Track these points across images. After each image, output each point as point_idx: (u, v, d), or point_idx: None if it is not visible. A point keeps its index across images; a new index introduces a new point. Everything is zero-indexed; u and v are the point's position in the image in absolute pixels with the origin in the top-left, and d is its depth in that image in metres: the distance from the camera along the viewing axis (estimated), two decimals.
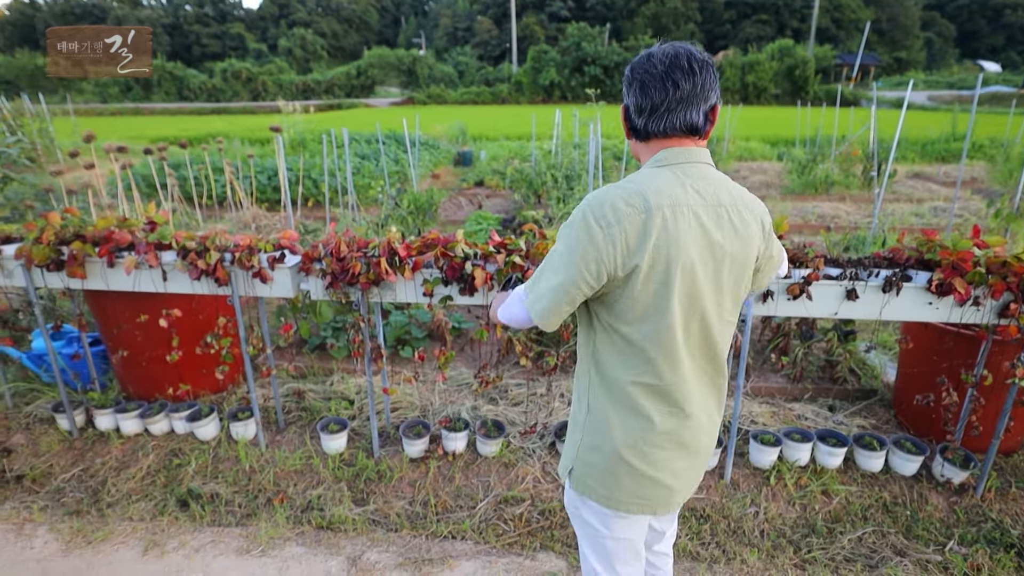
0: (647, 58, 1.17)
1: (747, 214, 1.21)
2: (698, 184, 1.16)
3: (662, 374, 1.22)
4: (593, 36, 39.77)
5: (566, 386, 3.32)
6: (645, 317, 1.18)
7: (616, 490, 1.30)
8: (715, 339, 1.25)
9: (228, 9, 67.08)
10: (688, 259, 1.13)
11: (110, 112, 33.63)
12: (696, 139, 1.21)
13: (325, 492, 2.59)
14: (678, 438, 1.27)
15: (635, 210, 1.10)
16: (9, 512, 2.50)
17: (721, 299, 1.22)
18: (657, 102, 1.16)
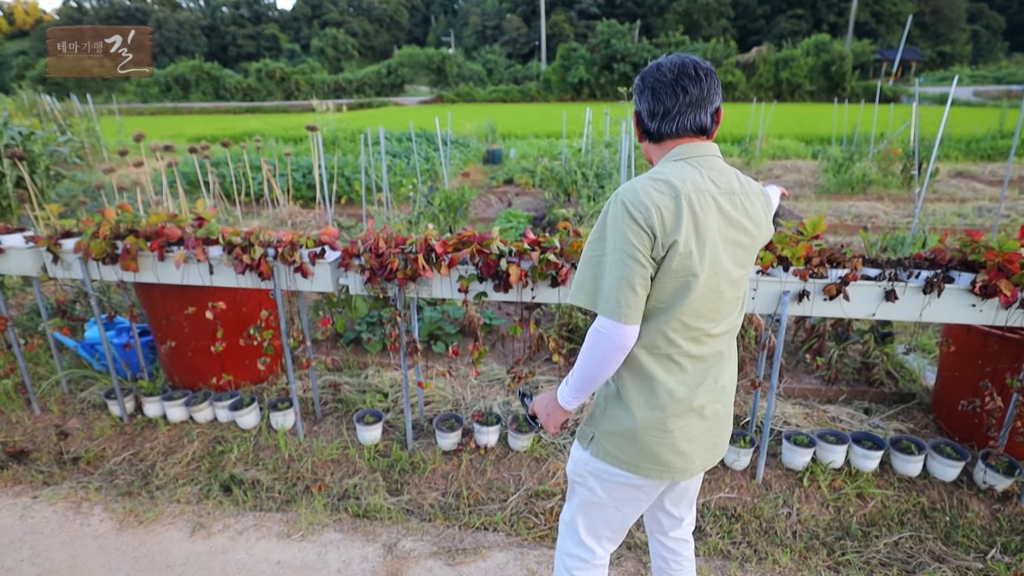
0: (656, 68, 1.29)
1: (754, 198, 1.35)
2: (713, 174, 1.29)
3: (681, 347, 1.31)
4: (623, 33, 39.42)
5: None
6: (674, 293, 1.26)
7: (637, 456, 1.37)
8: (732, 312, 1.36)
9: (263, 10, 68.55)
10: (712, 238, 1.25)
11: (150, 111, 34.77)
12: (704, 138, 1.33)
13: (361, 481, 2.67)
14: (692, 406, 1.35)
15: (665, 195, 1.21)
16: (67, 491, 2.65)
17: (738, 274, 1.33)
18: (669, 107, 1.28)
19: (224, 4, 66.86)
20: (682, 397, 1.33)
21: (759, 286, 2.35)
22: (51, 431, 3.08)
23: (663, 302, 1.27)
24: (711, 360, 1.37)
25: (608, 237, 1.24)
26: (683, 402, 1.34)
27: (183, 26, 60.98)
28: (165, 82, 43.04)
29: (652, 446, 1.35)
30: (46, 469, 2.82)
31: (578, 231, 2.57)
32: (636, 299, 1.23)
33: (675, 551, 1.68)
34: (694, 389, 1.35)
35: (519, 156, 11.31)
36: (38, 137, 7.43)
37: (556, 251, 2.43)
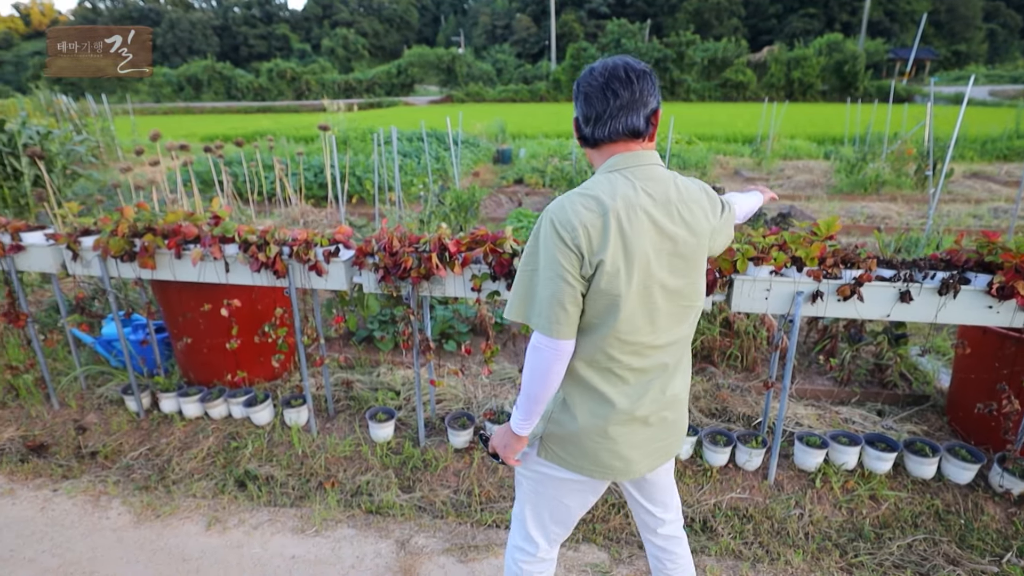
0: (589, 72, 1.30)
1: (693, 206, 1.34)
2: (647, 185, 1.28)
3: (621, 360, 1.33)
4: (633, 32, 39.34)
5: None
6: (605, 309, 1.28)
7: (579, 458, 1.42)
8: (673, 323, 1.36)
9: (274, 10, 68.98)
10: (643, 253, 1.25)
11: (163, 111, 35.11)
12: (641, 141, 1.32)
13: (373, 478, 2.69)
14: (635, 415, 1.38)
15: (593, 213, 1.22)
16: (86, 484, 2.69)
17: (679, 286, 1.34)
18: (600, 111, 1.28)
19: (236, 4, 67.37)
20: (625, 407, 1.37)
21: (772, 286, 2.35)
22: (70, 425, 3.13)
23: (597, 318, 1.29)
24: (655, 372, 1.38)
25: (540, 255, 1.26)
26: (625, 412, 1.37)
27: (195, 26, 61.51)
28: (178, 82, 43.46)
29: (595, 451, 1.40)
30: (65, 463, 2.87)
31: None
32: (567, 316, 1.26)
33: (667, 549, 1.69)
34: (636, 400, 1.37)
35: (529, 156, 11.32)
36: (55, 136, 7.54)
37: None
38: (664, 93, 37.84)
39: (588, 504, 1.54)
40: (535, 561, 1.60)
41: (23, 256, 2.98)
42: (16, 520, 2.48)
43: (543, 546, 1.58)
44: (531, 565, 1.60)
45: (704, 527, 2.41)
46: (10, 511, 2.54)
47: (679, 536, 1.70)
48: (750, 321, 3.54)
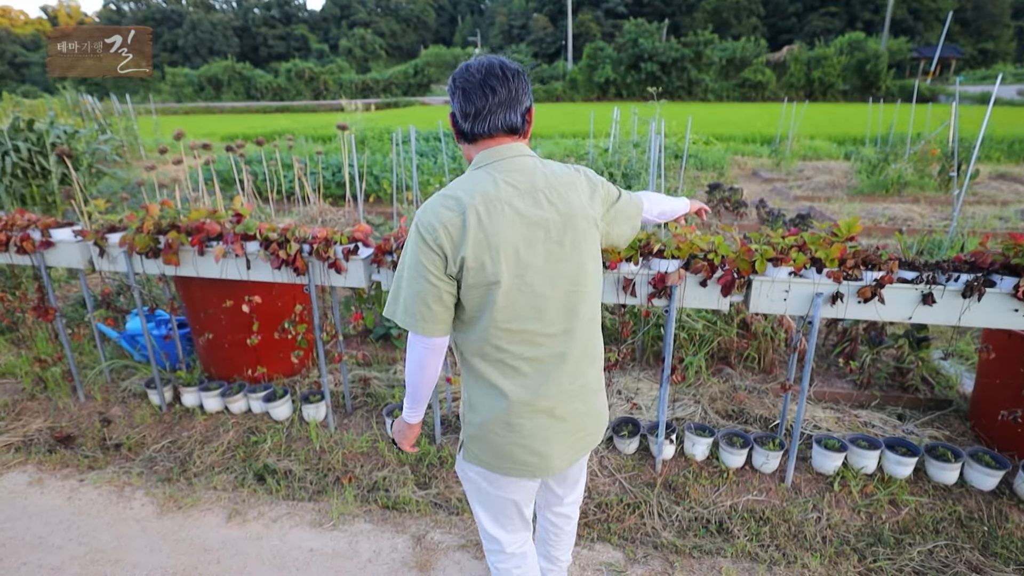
0: (466, 69, 1.32)
1: (565, 191, 1.36)
2: (510, 177, 1.31)
3: (511, 351, 1.35)
4: (651, 32, 39.07)
5: (623, 383, 3.34)
6: (481, 302, 1.31)
7: (495, 458, 1.44)
8: (560, 308, 1.37)
9: (293, 11, 69.75)
10: (509, 244, 1.27)
11: (184, 111, 35.68)
12: (517, 137, 1.37)
13: (390, 474, 2.72)
14: (537, 407, 1.39)
15: (453, 212, 1.27)
16: (111, 475, 2.76)
17: (560, 270, 1.34)
18: (480, 107, 1.30)
19: (256, 5, 68.23)
20: (524, 399, 1.37)
21: (791, 288, 2.33)
22: (95, 418, 3.21)
23: (476, 311, 1.33)
24: (552, 361, 1.38)
25: (407, 257, 1.32)
26: (525, 403, 1.38)
27: (216, 27, 62.41)
28: (198, 82, 44.16)
29: (503, 446, 1.42)
30: (91, 454, 2.94)
31: None
32: (431, 313, 1.30)
33: (556, 524, 1.80)
34: (536, 391, 1.38)
35: (544, 156, 11.32)
36: (81, 136, 7.72)
37: None
38: (681, 93, 37.58)
39: (531, 496, 1.58)
40: (505, 556, 1.64)
41: (52, 252, 3.06)
42: (45, 509, 2.55)
43: (506, 540, 1.62)
44: (503, 561, 1.64)
45: (720, 529, 2.40)
46: (39, 500, 2.61)
47: (571, 516, 1.81)
48: (768, 322, 3.51)
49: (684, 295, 2.45)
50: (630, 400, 3.13)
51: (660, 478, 2.66)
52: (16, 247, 3.02)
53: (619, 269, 2.45)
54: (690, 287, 2.43)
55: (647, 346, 3.63)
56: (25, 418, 3.24)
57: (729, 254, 2.39)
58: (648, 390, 3.32)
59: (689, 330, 3.47)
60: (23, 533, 2.41)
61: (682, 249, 2.45)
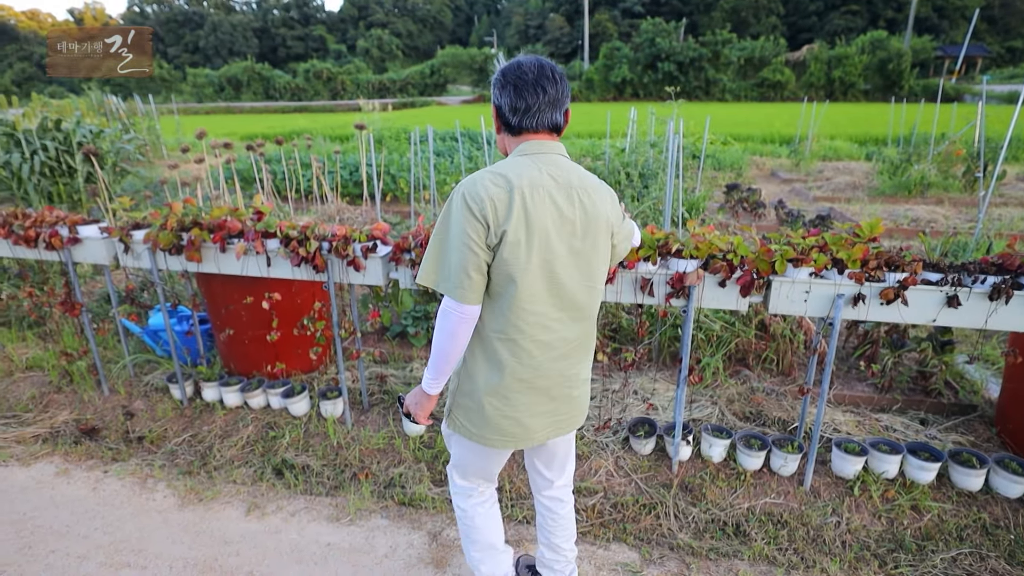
0: (518, 66, 1.42)
1: (594, 194, 1.46)
2: (551, 170, 1.41)
3: (522, 329, 1.44)
4: (668, 32, 38.80)
5: (639, 383, 3.32)
6: (510, 278, 1.39)
7: (482, 427, 1.54)
8: (574, 299, 1.48)
9: (312, 12, 70.42)
10: (544, 229, 1.38)
11: (204, 111, 36.21)
12: (555, 135, 1.49)
13: (406, 471, 2.73)
14: (534, 385, 1.51)
15: (500, 189, 1.35)
16: (134, 467, 2.81)
17: (578, 264, 1.46)
18: (531, 103, 1.41)
19: (275, 7, 69.01)
20: (525, 377, 1.49)
21: (812, 288, 2.30)
22: (118, 411, 3.27)
23: (501, 287, 1.41)
24: (559, 346, 1.50)
25: (451, 226, 1.37)
26: (525, 381, 1.49)
27: (236, 28, 63.24)
28: (219, 82, 44.79)
29: (495, 418, 1.52)
30: (114, 446, 3.00)
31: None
32: (472, 283, 1.37)
33: (551, 509, 1.87)
34: (538, 371, 1.49)
35: None
36: (106, 135, 7.88)
37: None
38: (699, 93, 37.27)
39: (503, 460, 1.73)
40: (476, 503, 1.79)
41: (79, 248, 3.13)
42: (71, 499, 2.61)
43: (480, 490, 1.79)
44: (473, 506, 1.79)
45: (737, 531, 2.38)
46: (65, 490, 2.67)
47: (565, 500, 1.88)
48: (786, 324, 3.47)
49: (702, 295, 2.43)
50: (646, 400, 3.11)
51: (676, 479, 2.64)
52: (45, 243, 3.10)
53: (637, 269, 2.44)
54: (708, 287, 2.41)
55: (663, 346, 3.61)
56: (52, 410, 3.31)
57: (749, 254, 2.37)
58: (664, 391, 3.30)
59: (706, 331, 3.45)
60: (51, 522, 2.47)
61: (701, 249, 2.43)
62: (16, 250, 3.24)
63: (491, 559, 1.85)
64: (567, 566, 1.93)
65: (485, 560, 1.84)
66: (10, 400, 3.41)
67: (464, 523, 1.83)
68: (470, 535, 1.83)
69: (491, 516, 1.83)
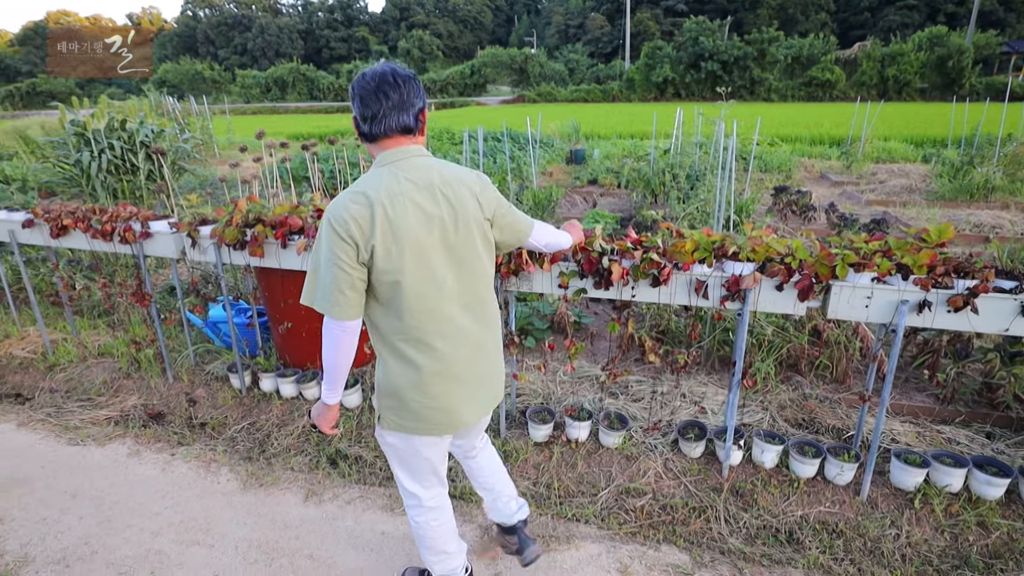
0: (362, 77, 1.49)
1: (456, 185, 1.55)
2: (409, 174, 1.50)
3: (420, 327, 1.55)
4: (712, 30, 38.06)
5: (688, 386, 3.30)
6: (394, 285, 1.49)
7: (410, 420, 1.64)
8: (462, 289, 1.59)
9: (355, 14, 71.87)
10: (412, 233, 1.47)
11: (252, 111, 37.40)
12: (412, 136, 1.55)
13: (455, 466, 2.79)
14: (448, 375, 1.61)
15: (361, 207, 1.44)
16: (199, 451, 2.96)
17: (457, 256, 1.56)
18: (375, 111, 1.48)
19: (320, 9, 70.74)
20: (436, 369, 1.59)
21: (874, 294, 2.25)
22: (182, 398, 3.44)
23: (388, 294, 1.51)
24: (457, 335, 1.61)
25: (322, 249, 1.47)
26: (438, 373, 1.59)
27: (282, 31, 65.10)
28: (265, 83, 46.21)
29: (417, 410, 1.62)
30: (179, 431, 3.16)
31: (681, 232, 2.56)
32: (345, 299, 1.46)
33: (471, 456, 2.05)
34: (446, 362, 1.59)
35: (603, 156, 11.24)
36: (166, 135, 8.24)
37: (659, 251, 2.44)
38: (743, 92, 36.44)
39: (443, 454, 1.82)
40: (423, 510, 1.85)
41: (150, 242, 3.30)
42: (143, 478, 2.76)
43: (424, 495, 1.84)
44: (421, 515, 1.86)
45: (790, 539, 2.34)
46: (137, 469, 2.83)
47: (480, 447, 2.04)
48: (841, 330, 3.38)
49: (758, 299, 2.40)
50: (696, 404, 3.09)
51: (727, 483, 2.62)
52: (120, 237, 3.28)
53: (691, 271, 2.43)
54: (765, 291, 2.38)
55: (713, 350, 3.57)
56: (122, 395, 3.51)
57: (808, 258, 2.33)
58: (713, 394, 3.27)
59: (758, 335, 3.39)
60: (126, 499, 2.62)
61: (757, 252, 2.40)
62: (93, 243, 3.44)
63: (442, 563, 1.94)
64: (509, 499, 2.09)
65: (436, 564, 1.94)
66: (84, 384, 3.63)
67: (415, 532, 1.91)
68: (423, 541, 1.91)
69: (442, 525, 1.89)
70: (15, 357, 3.94)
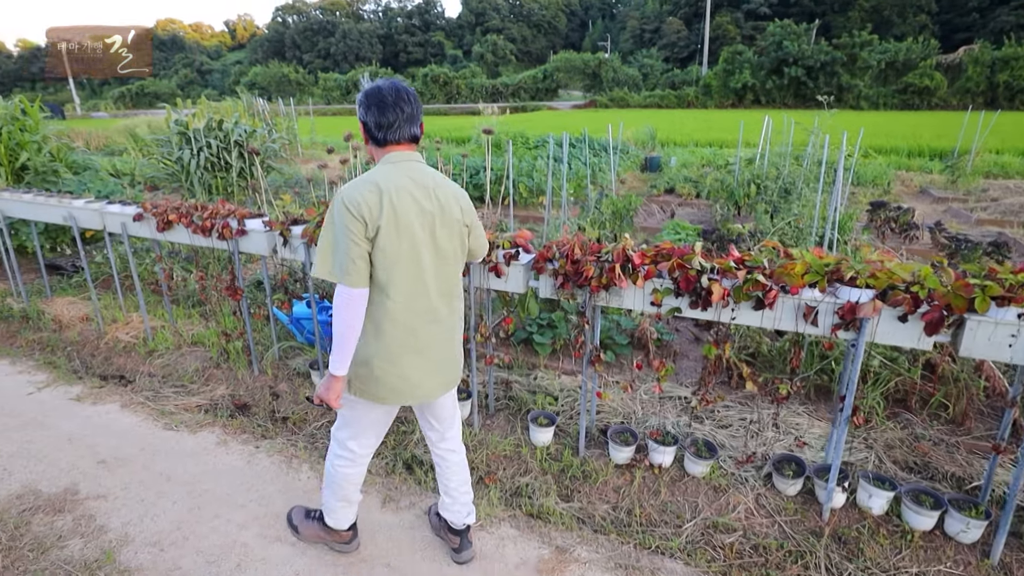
0: (378, 90, 1.76)
1: (446, 190, 1.85)
2: (412, 174, 1.79)
3: (398, 302, 1.80)
4: (798, 34, 36.32)
5: (782, 415, 3.07)
6: (387, 262, 1.75)
7: (377, 389, 1.89)
8: (438, 277, 1.87)
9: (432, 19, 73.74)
10: (408, 221, 1.75)
11: (331, 112, 39.08)
12: (415, 145, 1.86)
13: (532, 481, 2.71)
14: (414, 347, 1.87)
15: (372, 193, 1.71)
16: (280, 446, 3.03)
17: (439, 249, 1.84)
18: (392, 120, 1.76)
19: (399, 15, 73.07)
20: (407, 344, 1.85)
21: (1020, 333, 1.98)
22: (266, 391, 3.55)
23: (382, 272, 1.76)
24: (428, 316, 1.87)
25: (336, 225, 1.71)
26: (406, 345, 1.85)
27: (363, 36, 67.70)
28: (345, 85, 48.22)
29: (384, 377, 1.86)
30: (263, 423, 3.25)
31: (789, 252, 2.37)
32: (357, 268, 1.71)
33: (445, 459, 2.20)
34: (416, 336, 1.86)
35: (680, 165, 10.89)
36: (258, 135, 8.68)
37: (765, 272, 2.27)
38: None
39: (390, 418, 2.09)
40: (353, 465, 2.10)
41: (245, 239, 3.42)
42: (230, 468, 2.86)
43: (359, 452, 2.08)
44: (349, 468, 2.10)
45: None
46: (225, 459, 2.93)
47: (455, 450, 2.21)
48: (959, 366, 3.05)
49: (876, 329, 2.18)
50: (796, 437, 2.86)
51: (828, 528, 2.40)
52: (218, 233, 3.43)
53: (801, 295, 2.24)
54: (884, 321, 2.16)
55: (809, 379, 3.31)
56: (212, 384, 3.66)
57: (939, 287, 2.09)
58: (808, 426, 3.03)
59: (863, 365, 3.11)
60: (214, 488, 2.71)
61: (878, 278, 2.18)
62: (194, 238, 3.61)
63: (343, 510, 2.20)
64: (464, 507, 2.24)
65: (339, 510, 2.19)
66: (179, 371, 3.82)
67: (331, 478, 2.14)
68: (335, 489, 2.14)
69: (356, 477, 2.13)
70: (120, 341, 4.21)
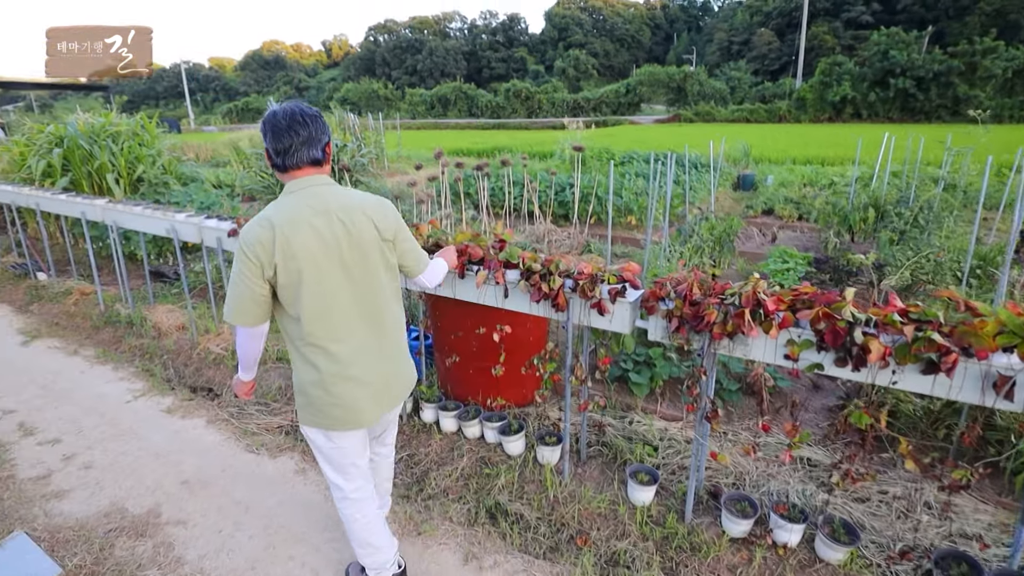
0: (273, 115, 1.70)
1: (353, 212, 1.78)
2: (310, 201, 1.73)
3: (319, 335, 1.77)
4: (907, 43, 33.64)
5: (931, 492, 2.56)
6: (293, 298, 1.73)
7: (317, 416, 1.87)
8: (357, 301, 1.81)
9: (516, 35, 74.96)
10: (309, 253, 1.70)
11: (416, 126, 40.35)
12: (319, 167, 1.78)
13: (631, 548, 2.38)
14: (346, 376, 1.82)
15: (265, 230, 1.67)
16: None
17: (353, 274, 1.79)
18: (287, 145, 1.70)
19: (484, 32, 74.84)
20: (334, 372, 1.80)
21: None
22: None
23: (292, 307, 1.74)
24: (353, 342, 1.82)
25: (235, 268, 1.70)
26: (336, 375, 1.81)
27: (448, 52, 69.83)
28: (430, 101, 49.80)
29: (326, 408, 1.84)
30: None
31: (973, 306, 1.93)
32: (246, 309, 1.72)
33: (375, 462, 2.28)
34: (346, 365, 1.81)
35: (777, 184, 10.13)
36: (348, 149, 8.89)
37: (942, 329, 1.84)
38: (942, 112, 31.73)
39: (361, 448, 2.01)
40: (349, 502, 2.03)
41: None
42: (307, 502, 2.73)
43: (346, 487, 2.02)
44: (348, 507, 2.04)
45: None
46: (302, 490, 2.82)
47: (387, 455, 2.32)
48: None
49: None
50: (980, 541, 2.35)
51: None
52: None
53: (990, 360, 1.79)
54: None
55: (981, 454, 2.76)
56: (293, 404, 3.59)
57: None
58: (972, 510, 2.50)
59: None
60: (290, 523, 2.59)
61: None
62: None
63: (370, 556, 2.11)
64: (382, 498, 2.34)
65: (364, 556, 2.11)
66: (263, 387, 3.80)
67: (345, 524, 2.09)
68: (351, 534, 2.09)
69: (367, 518, 2.05)
70: (211, 352, 4.28)
